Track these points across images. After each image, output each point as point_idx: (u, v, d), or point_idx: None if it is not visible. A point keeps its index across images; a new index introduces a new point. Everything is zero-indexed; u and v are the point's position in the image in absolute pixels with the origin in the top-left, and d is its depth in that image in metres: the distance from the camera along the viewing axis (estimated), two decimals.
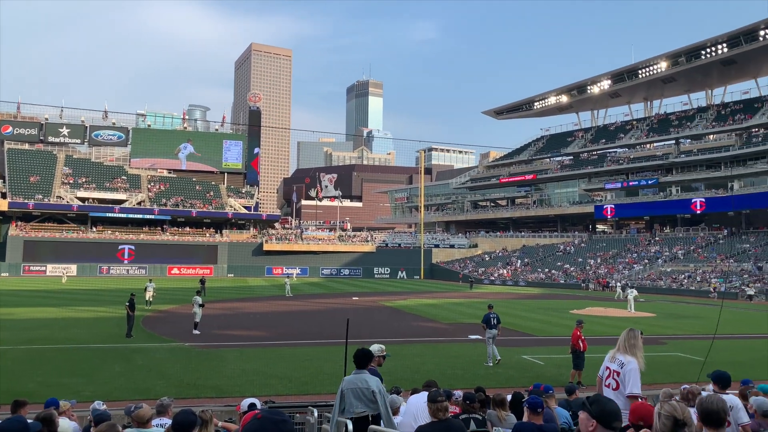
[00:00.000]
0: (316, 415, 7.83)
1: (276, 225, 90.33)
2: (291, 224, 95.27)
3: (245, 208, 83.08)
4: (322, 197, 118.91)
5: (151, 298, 32.09)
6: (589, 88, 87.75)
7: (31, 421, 5.05)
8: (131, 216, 76.01)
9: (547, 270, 70.38)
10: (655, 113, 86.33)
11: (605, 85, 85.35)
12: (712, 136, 74.00)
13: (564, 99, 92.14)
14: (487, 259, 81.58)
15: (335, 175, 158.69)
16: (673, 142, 77.52)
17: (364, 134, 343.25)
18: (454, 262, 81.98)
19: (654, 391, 9.50)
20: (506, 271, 72.67)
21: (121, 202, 76.36)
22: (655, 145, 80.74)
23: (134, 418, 5.29)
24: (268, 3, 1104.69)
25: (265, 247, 76.92)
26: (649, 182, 74.78)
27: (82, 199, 74.62)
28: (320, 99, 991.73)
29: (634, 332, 5.77)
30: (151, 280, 34.84)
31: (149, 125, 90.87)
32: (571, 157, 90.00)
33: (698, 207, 66.83)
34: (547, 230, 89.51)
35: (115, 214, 74.58)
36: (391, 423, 6.01)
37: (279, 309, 34.44)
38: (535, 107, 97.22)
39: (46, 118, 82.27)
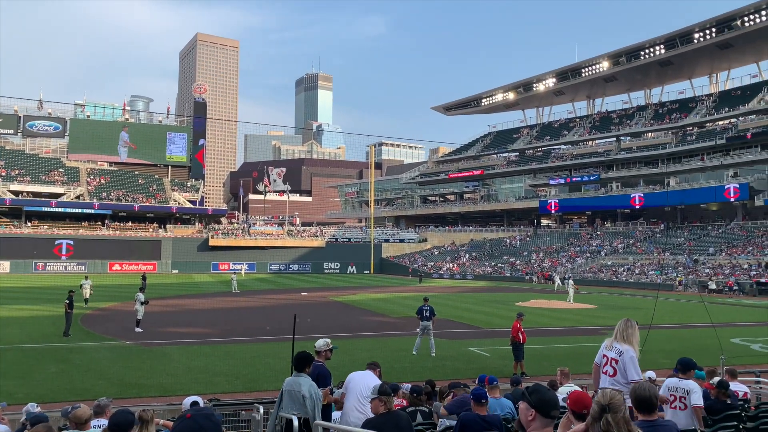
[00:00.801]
0: (262, 411, 7.78)
1: (222, 220, 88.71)
2: (238, 219, 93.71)
3: (190, 202, 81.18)
4: (271, 191, 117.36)
5: (89, 296, 30.96)
6: (534, 85, 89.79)
7: None
8: (69, 210, 73.11)
9: (494, 264, 71.84)
10: (597, 111, 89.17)
11: (550, 83, 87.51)
12: (650, 134, 77.05)
13: (511, 96, 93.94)
14: (436, 253, 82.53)
15: (284, 169, 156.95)
16: (614, 139, 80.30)
17: (314, 128, 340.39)
18: (404, 257, 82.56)
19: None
20: (454, 265, 73.71)
21: (59, 195, 73.33)
22: (597, 142, 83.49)
23: (71, 419, 5.12)
24: None
25: (211, 243, 75.39)
26: (591, 178, 77.23)
27: (16, 193, 71.11)
28: (269, 91, 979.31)
29: (631, 322, 6.03)
30: (87, 277, 33.51)
31: (88, 116, 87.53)
32: (517, 154, 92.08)
33: (637, 202, 69.54)
34: (494, 225, 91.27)
35: (52, 209, 71.56)
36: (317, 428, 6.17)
37: (225, 305, 33.86)
38: (483, 104, 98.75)
39: None
